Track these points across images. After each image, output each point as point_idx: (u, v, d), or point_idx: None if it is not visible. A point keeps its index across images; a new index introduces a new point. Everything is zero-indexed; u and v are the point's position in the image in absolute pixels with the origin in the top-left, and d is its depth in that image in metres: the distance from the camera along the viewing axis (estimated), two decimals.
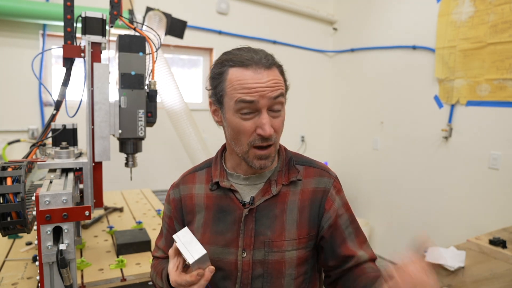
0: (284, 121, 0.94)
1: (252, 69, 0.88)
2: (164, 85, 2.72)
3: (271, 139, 0.90)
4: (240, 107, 0.88)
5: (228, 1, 3.67)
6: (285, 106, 0.95)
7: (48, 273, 0.95)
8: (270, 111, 0.90)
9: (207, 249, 0.92)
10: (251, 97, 0.86)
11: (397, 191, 3.59)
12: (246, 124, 0.89)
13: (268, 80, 0.88)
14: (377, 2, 3.75)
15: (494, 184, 2.77)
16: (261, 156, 0.91)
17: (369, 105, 3.89)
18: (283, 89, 0.91)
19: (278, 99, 0.89)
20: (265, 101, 0.87)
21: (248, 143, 0.90)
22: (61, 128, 1.39)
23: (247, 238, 0.95)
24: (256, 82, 0.87)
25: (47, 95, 3.01)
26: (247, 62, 0.88)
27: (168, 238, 1.10)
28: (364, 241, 1.01)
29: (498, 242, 2.05)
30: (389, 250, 3.69)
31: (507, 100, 2.67)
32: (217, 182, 1.00)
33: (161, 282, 0.99)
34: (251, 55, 0.89)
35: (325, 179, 1.00)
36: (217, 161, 1.05)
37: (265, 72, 0.88)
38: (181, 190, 1.07)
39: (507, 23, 2.63)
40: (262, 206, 0.96)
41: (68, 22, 1.41)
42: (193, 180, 1.07)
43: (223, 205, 0.99)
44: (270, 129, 0.88)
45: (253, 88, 0.86)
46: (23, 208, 0.98)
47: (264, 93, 0.87)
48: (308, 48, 4.21)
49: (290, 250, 0.94)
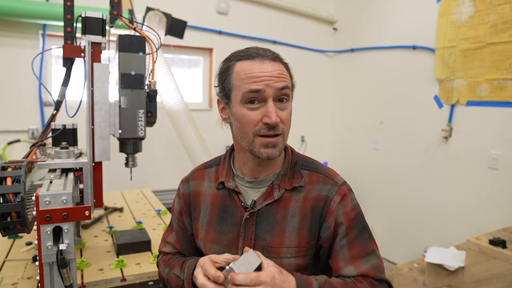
0: (291, 114, 0.94)
1: (258, 60, 0.90)
2: (164, 85, 2.72)
3: (277, 129, 0.89)
4: (248, 97, 0.89)
5: (228, 1, 3.67)
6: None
7: (48, 273, 0.95)
8: (277, 102, 0.90)
9: (210, 247, 0.92)
10: (258, 85, 0.88)
11: (397, 191, 3.59)
12: (252, 114, 0.89)
13: (273, 70, 0.89)
14: (377, 2, 3.75)
15: (494, 184, 2.76)
16: (268, 143, 0.90)
17: (369, 105, 3.89)
18: (288, 82, 0.92)
19: (283, 91, 0.90)
20: (271, 90, 0.88)
21: (253, 132, 0.90)
22: (61, 128, 1.39)
23: (247, 241, 0.95)
24: (262, 71, 0.88)
25: (47, 95, 3.01)
26: (253, 55, 0.91)
27: (179, 233, 1.10)
28: (359, 256, 0.92)
29: (498, 242, 2.05)
30: (389, 250, 3.69)
31: (507, 100, 2.67)
32: (222, 182, 1.00)
33: (179, 271, 0.98)
34: (257, 49, 0.93)
35: (328, 187, 0.96)
36: (225, 160, 1.05)
37: (270, 63, 0.90)
38: (190, 186, 1.08)
39: (507, 23, 2.63)
40: (264, 210, 0.95)
41: (68, 22, 1.41)
42: (203, 176, 1.08)
43: (226, 206, 0.99)
44: (276, 118, 0.88)
45: (259, 77, 0.88)
46: (23, 208, 0.98)
47: (270, 82, 0.88)
48: (308, 48, 4.21)
49: (288, 257, 0.93)
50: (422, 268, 2.56)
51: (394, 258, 3.61)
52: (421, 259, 2.71)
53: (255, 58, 0.90)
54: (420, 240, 3.30)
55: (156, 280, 1.46)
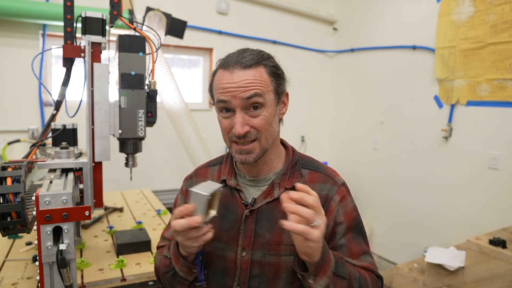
0: (269, 120, 0.92)
1: (229, 70, 0.91)
2: (164, 85, 2.72)
3: (248, 137, 0.91)
4: (219, 106, 0.92)
5: (228, 1, 3.67)
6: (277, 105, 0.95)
7: (48, 273, 0.95)
8: (249, 110, 0.91)
9: (210, 243, 0.93)
10: (224, 96, 0.90)
11: (397, 191, 3.59)
12: (225, 122, 0.93)
13: (240, 81, 0.89)
14: (377, 2, 3.75)
15: (494, 184, 2.76)
16: (241, 150, 0.93)
17: (369, 105, 3.89)
18: (259, 89, 0.89)
19: (253, 99, 0.89)
20: (237, 101, 0.89)
21: (228, 139, 0.94)
22: (61, 128, 1.39)
23: (247, 238, 0.96)
24: (229, 82, 0.89)
25: (47, 95, 3.01)
26: (228, 64, 0.91)
27: None
28: (358, 254, 0.96)
29: (498, 242, 2.05)
30: (389, 250, 3.69)
31: (507, 100, 2.66)
32: (225, 180, 1.02)
33: (167, 251, 1.00)
34: (236, 56, 0.92)
35: (328, 186, 0.98)
36: (228, 159, 1.08)
37: (240, 72, 0.89)
38: (193, 182, 1.10)
39: (507, 23, 2.63)
40: (264, 208, 0.97)
41: (68, 22, 1.41)
42: (206, 174, 1.10)
43: (227, 203, 1.01)
44: (241, 129, 0.89)
45: (226, 88, 0.90)
46: (23, 208, 0.98)
47: (235, 93, 0.88)
48: (308, 48, 4.21)
49: (287, 255, 0.94)
50: (422, 268, 2.56)
51: (394, 258, 3.61)
52: (421, 259, 2.71)
53: (228, 67, 0.90)
54: (420, 240, 3.30)
55: (156, 280, 1.46)
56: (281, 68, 0.98)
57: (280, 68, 0.97)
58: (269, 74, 0.93)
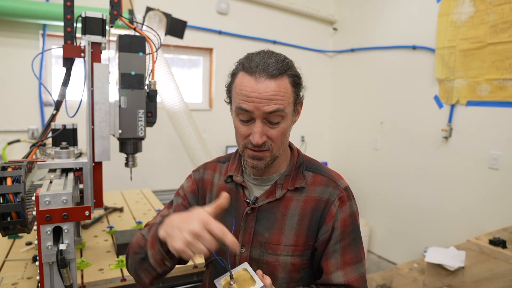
0: (284, 131, 0.93)
1: (254, 77, 0.87)
2: (164, 85, 2.72)
3: (264, 146, 0.91)
4: (238, 112, 0.91)
5: (228, 1, 3.67)
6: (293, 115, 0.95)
7: (48, 273, 0.95)
8: (267, 121, 0.90)
9: None
10: (247, 106, 0.88)
11: (397, 191, 3.59)
12: (242, 128, 0.92)
13: (265, 91, 0.86)
14: (377, 2, 3.75)
15: (494, 184, 2.77)
16: (254, 156, 0.93)
17: (369, 105, 3.89)
18: (282, 104, 0.88)
19: (274, 114, 0.88)
20: (259, 113, 0.88)
21: (242, 144, 0.94)
22: (61, 128, 1.39)
23: (247, 235, 0.97)
24: (254, 91, 0.86)
25: (47, 95, 3.01)
26: (253, 69, 0.87)
27: (179, 209, 1.06)
28: (350, 263, 0.94)
29: (498, 242, 2.05)
30: (389, 250, 3.69)
31: (507, 100, 2.66)
32: (231, 176, 1.03)
33: (146, 231, 0.99)
34: (261, 61, 0.88)
35: (330, 190, 0.98)
36: (236, 156, 1.08)
37: (266, 81, 0.86)
38: (202, 173, 1.11)
39: (507, 23, 2.63)
40: (265, 207, 0.98)
41: (68, 22, 1.41)
42: (215, 168, 1.10)
43: (231, 198, 1.00)
44: (260, 139, 0.89)
45: (250, 97, 0.87)
46: (23, 208, 0.98)
47: (259, 105, 0.86)
48: (308, 48, 4.21)
49: (284, 255, 0.95)
50: (422, 268, 2.56)
51: (394, 258, 3.61)
52: (421, 259, 2.71)
53: (253, 73, 0.87)
54: (420, 240, 3.30)
55: None
56: (301, 76, 0.96)
57: (301, 77, 0.96)
58: (291, 85, 0.91)
